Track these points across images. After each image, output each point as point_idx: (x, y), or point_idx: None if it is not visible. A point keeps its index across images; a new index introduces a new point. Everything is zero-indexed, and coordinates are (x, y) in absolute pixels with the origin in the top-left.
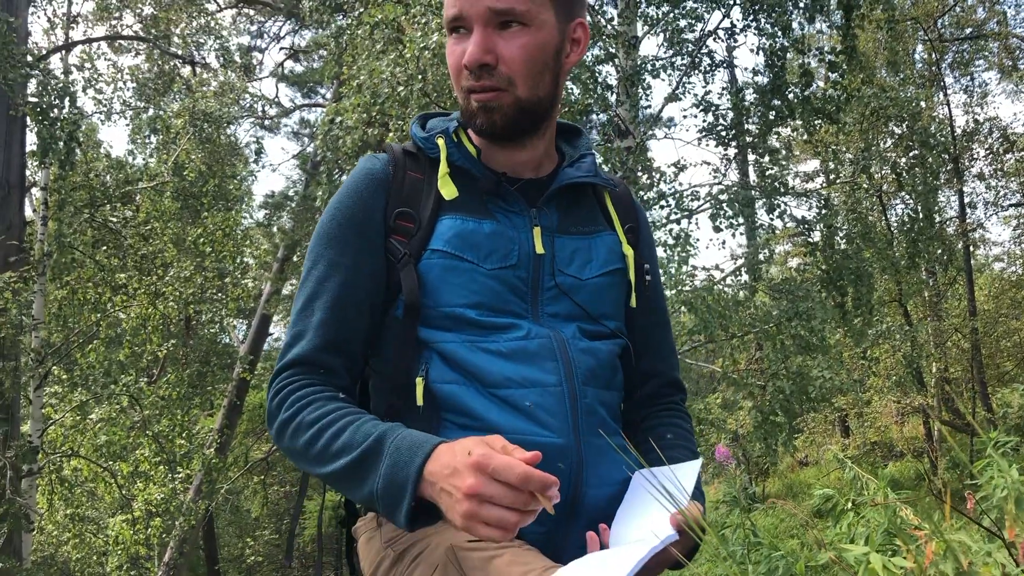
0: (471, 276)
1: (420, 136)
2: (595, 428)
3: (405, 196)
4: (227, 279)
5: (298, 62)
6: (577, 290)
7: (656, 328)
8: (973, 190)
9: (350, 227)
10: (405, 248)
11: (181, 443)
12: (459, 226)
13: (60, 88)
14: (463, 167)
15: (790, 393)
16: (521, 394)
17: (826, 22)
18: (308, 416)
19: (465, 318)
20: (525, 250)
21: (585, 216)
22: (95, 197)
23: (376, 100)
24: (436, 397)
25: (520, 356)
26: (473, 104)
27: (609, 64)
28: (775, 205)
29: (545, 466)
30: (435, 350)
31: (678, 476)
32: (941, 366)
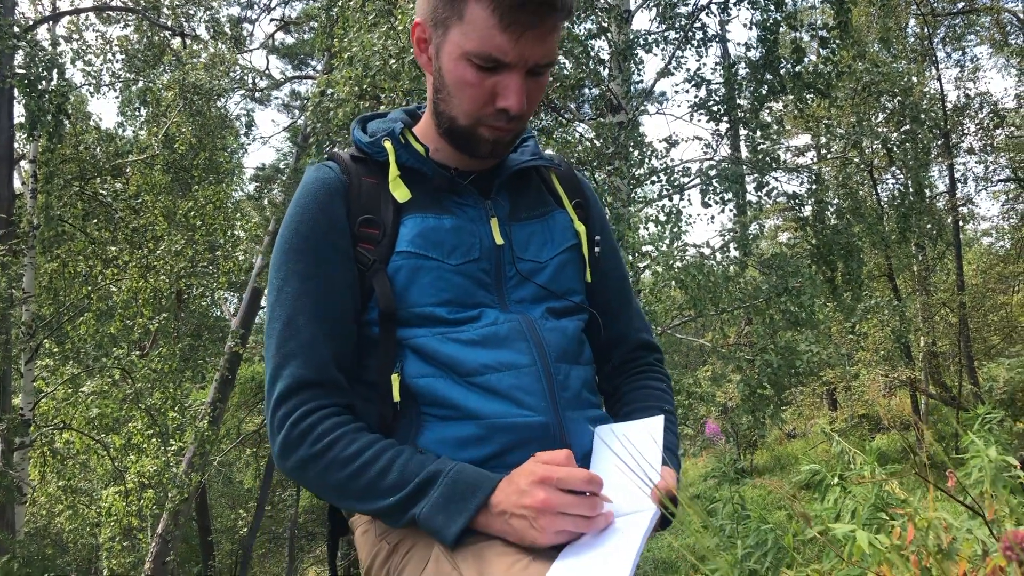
0: (438, 274)
1: (365, 141)
2: (572, 403)
3: (365, 203)
4: (218, 252)
5: (289, 34)
6: (538, 272)
7: (616, 296)
8: (963, 165)
9: (316, 238)
10: (372, 255)
11: (173, 416)
12: (421, 224)
13: (48, 59)
14: (413, 167)
15: (778, 367)
16: (497, 378)
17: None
18: (345, 451)
19: (435, 316)
20: (486, 243)
21: (535, 199)
22: (85, 170)
23: (367, 73)
24: (413, 392)
25: (492, 342)
26: (485, 135)
27: (602, 38)
28: (764, 182)
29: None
30: (407, 346)
31: (639, 434)
32: (929, 340)
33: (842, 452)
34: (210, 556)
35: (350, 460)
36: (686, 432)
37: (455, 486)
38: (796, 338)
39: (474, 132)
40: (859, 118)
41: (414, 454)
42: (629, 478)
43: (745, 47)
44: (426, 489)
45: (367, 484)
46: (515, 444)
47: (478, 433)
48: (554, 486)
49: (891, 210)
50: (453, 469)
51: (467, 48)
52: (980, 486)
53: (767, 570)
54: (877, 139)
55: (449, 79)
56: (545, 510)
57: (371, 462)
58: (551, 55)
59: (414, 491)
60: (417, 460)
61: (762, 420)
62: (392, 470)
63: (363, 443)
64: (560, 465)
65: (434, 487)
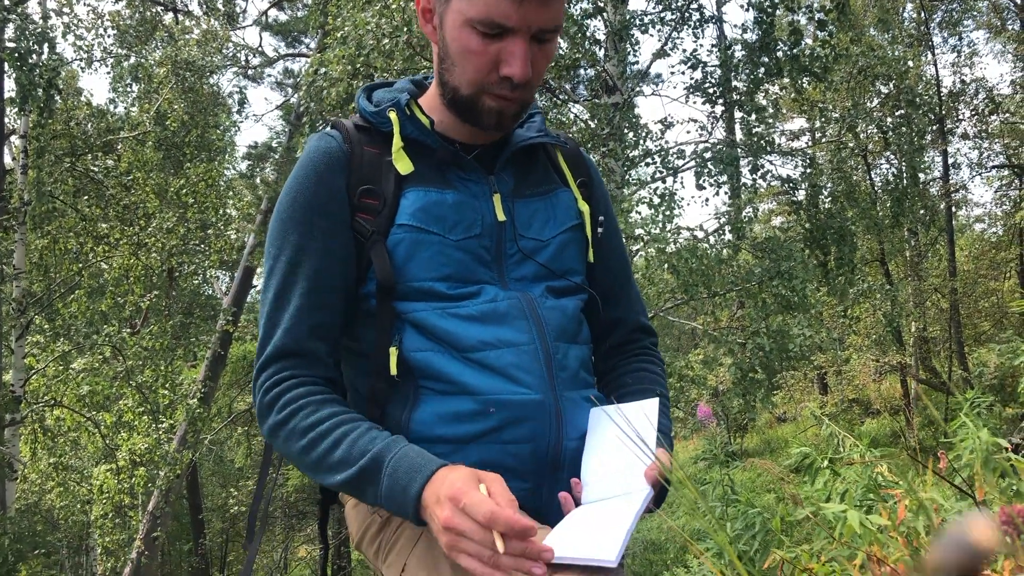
0: (439, 248)
1: (370, 110)
2: (569, 382)
3: (365, 173)
4: (210, 230)
5: (282, 11)
6: (540, 251)
7: (617, 277)
8: (957, 151)
9: (314, 209)
10: (372, 226)
11: (164, 393)
12: (423, 198)
13: (39, 33)
14: (418, 139)
15: (769, 350)
16: (496, 355)
17: None
18: (301, 423)
19: (434, 291)
20: (488, 219)
21: (540, 176)
22: (76, 146)
23: (361, 52)
24: (411, 366)
25: (491, 318)
26: (490, 105)
27: (597, 18)
28: (759, 165)
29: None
30: (406, 320)
31: (635, 416)
32: (920, 325)
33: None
34: (201, 534)
35: (306, 431)
36: (677, 415)
37: (396, 475)
38: (788, 322)
39: (478, 102)
40: (855, 102)
41: (368, 430)
42: (624, 458)
43: (742, 29)
44: (372, 476)
45: (317, 457)
46: (511, 420)
47: (475, 408)
48: (460, 509)
49: (885, 195)
50: (394, 456)
51: (470, 15)
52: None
53: (756, 551)
54: (872, 123)
55: (453, 48)
56: (447, 528)
57: (324, 435)
58: (557, 20)
59: (358, 474)
60: (366, 439)
61: (753, 404)
62: (341, 445)
63: (322, 415)
64: (497, 492)
65: (380, 475)
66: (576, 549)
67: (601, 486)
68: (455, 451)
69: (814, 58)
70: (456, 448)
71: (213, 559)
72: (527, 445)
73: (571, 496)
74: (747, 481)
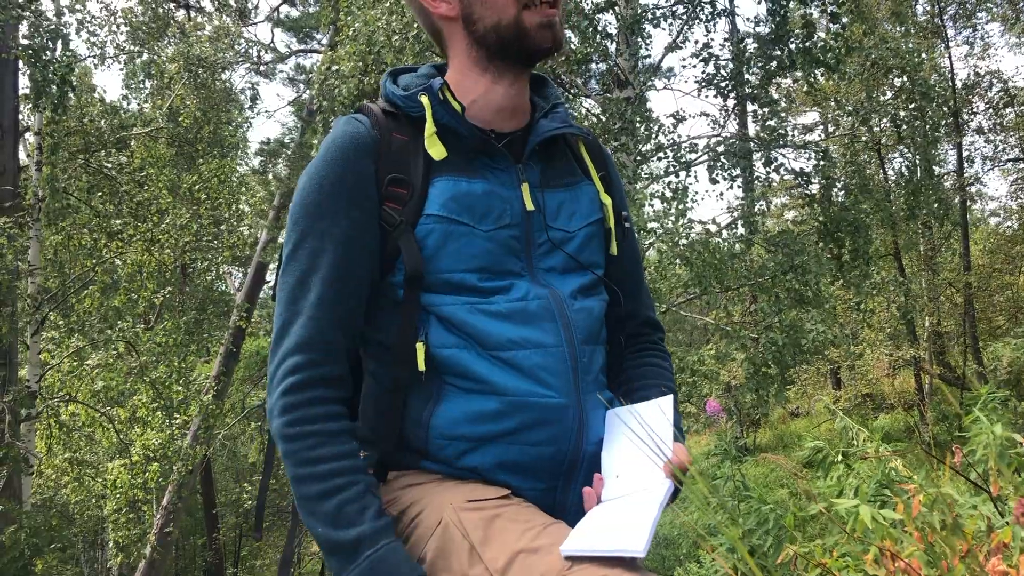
0: (469, 240)
1: (400, 94)
2: (592, 386)
3: (394, 161)
4: (223, 226)
5: (294, 6)
6: (567, 242)
7: (631, 272)
8: (972, 144)
9: (340, 196)
10: (400, 216)
11: (178, 389)
12: (453, 188)
13: (52, 30)
14: (449, 125)
15: (783, 345)
16: (524, 355)
17: None
18: (307, 452)
19: (466, 284)
20: (516, 208)
21: (564, 168)
22: (89, 142)
23: (372, 48)
24: (437, 362)
25: (520, 317)
26: (538, 21)
27: (609, 12)
28: (772, 159)
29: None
30: (433, 314)
31: (651, 413)
32: (934, 320)
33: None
34: (214, 529)
35: (306, 463)
36: (690, 410)
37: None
38: (802, 316)
39: (524, 23)
40: (868, 95)
41: (363, 495)
42: (643, 455)
43: (754, 22)
44: (345, 557)
45: (306, 496)
46: (534, 423)
47: (499, 408)
48: None
49: (899, 188)
50: (376, 553)
51: None
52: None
53: (769, 547)
54: (886, 116)
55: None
56: None
57: (319, 478)
58: None
59: (334, 543)
60: (355, 508)
61: (766, 399)
62: (332, 499)
63: (324, 453)
64: None
65: (352, 562)
66: (603, 542)
67: (622, 482)
68: (474, 448)
69: (826, 50)
70: (475, 446)
71: (227, 554)
72: (548, 448)
73: (594, 494)
74: (760, 476)
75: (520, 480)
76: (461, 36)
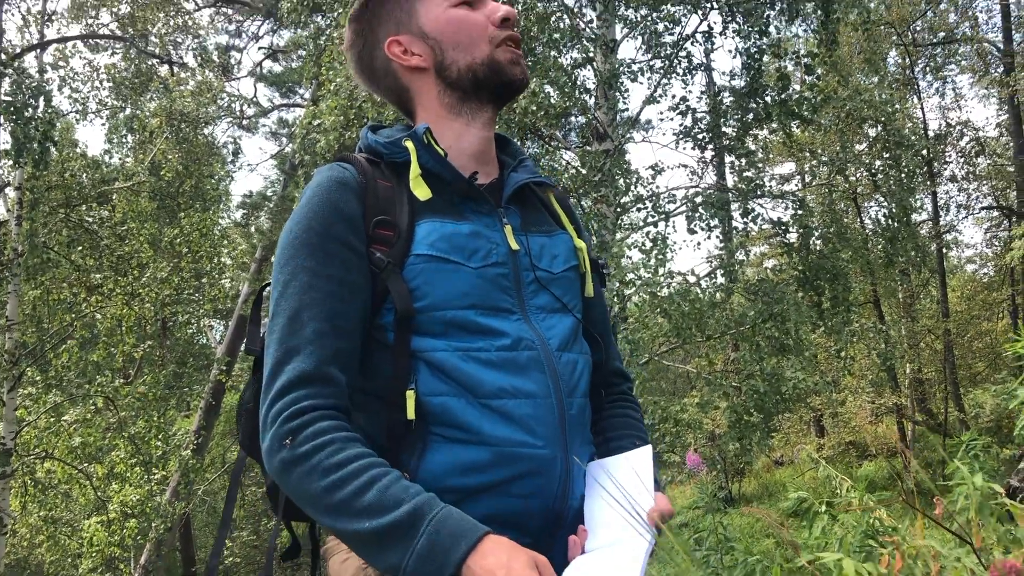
0: (459, 276)
1: (383, 141)
2: (577, 439)
3: (380, 204)
4: (204, 279)
5: (277, 62)
6: (552, 283)
7: (603, 319)
8: (946, 192)
9: (329, 237)
10: (387, 256)
11: (157, 444)
12: (440, 228)
13: (34, 87)
14: (432, 170)
15: (764, 393)
16: (515, 404)
17: (803, 25)
18: (327, 460)
19: (458, 320)
20: (502, 249)
21: (538, 216)
22: (71, 197)
23: (353, 103)
24: (426, 411)
25: (510, 367)
26: (507, 57)
27: (587, 68)
28: (750, 209)
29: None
30: (422, 360)
31: (631, 465)
32: (915, 366)
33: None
34: None
35: (332, 469)
36: (673, 460)
37: (437, 536)
38: (782, 364)
39: (497, 59)
40: (843, 145)
41: (398, 479)
42: (627, 506)
43: (730, 75)
44: (406, 531)
45: (342, 500)
46: (524, 474)
47: (487, 459)
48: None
49: (876, 236)
50: (438, 514)
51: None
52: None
53: None
54: (861, 166)
55: (451, 31)
56: None
57: (352, 476)
58: None
59: (390, 526)
60: (398, 488)
61: (749, 447)
62: (371, 490)
63: (350, 454)
64: None
65: (417, 531)
66: None
67: (606, 532)
68: (462, 501)
69: (802, 102)
70: (464, 498)
71: None
72: (535, 500)
73: (578, 542)
74: (745, 526)
75: (508, 534)
76: (432, 85)
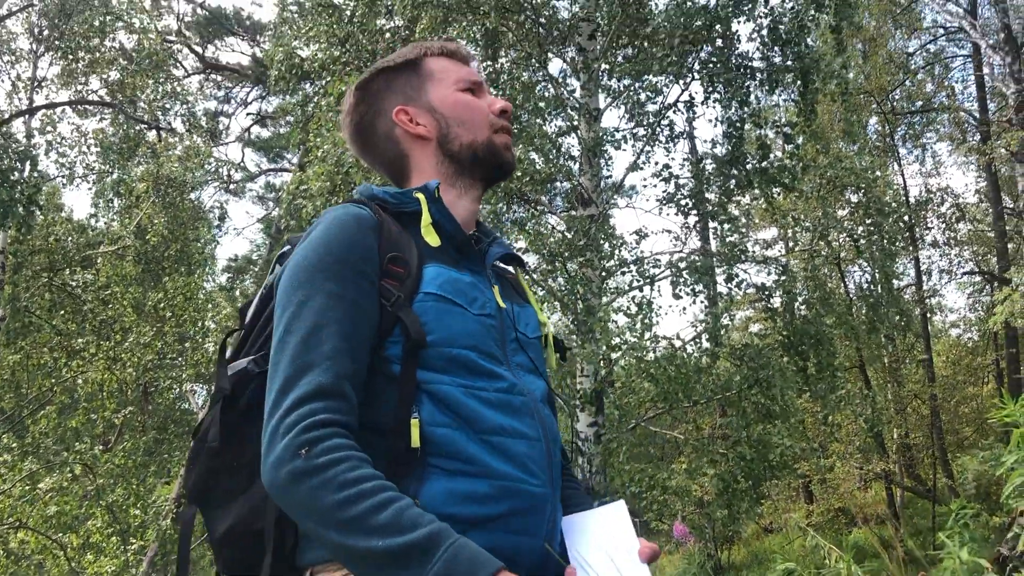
0: (463, 318)
1: (392, 192)
2: (559, 484)
3: (393, 242)
4: (187, 344)
5: (265, 127)
6: (528, 346)
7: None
8: (929, 257)
9: (346, 264)
10: (398, 291)
11: (136, 513)
12: (445, 273)
13: (21, 152)
14: (439, 221)
15: (751, 459)
16: (512, 442)
17: (783, 95)
18: (344, 474)
19: (460, 359)
20: (493, 303)
21: (509, 291)
22: (54, 261)
23: (340, 168)
24: (428, 440)
25: (507, 408)
26: (503, 142)
27: (572, 135)
28: (734, 274)
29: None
30: (426, 391)
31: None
32: (902, 432)
33: (817, 547)
34: None
35: (349, 484)
36: (662, 527)
37: (455, 562)
38: (769, 430)
39: (494, 143)
40: (825, 211)
41: (411, 505)
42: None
43: (712, 143)
44: (423, 554)
45: (357, 515)
46: (521, 510)
47: (488, 492)
48: None
49: (860, 301)
50: (456, 543)
51: (453, 83)
52: None
53: None
54: (843, 232)
55: (457, 111)
56: None
57: (368, 494)
58: None
59: (406, 546)
60: (414, 512)
61: (738, 515)
62: (387, 509)
63: (366, 473)
64: None
65: (434, 555)
66: None
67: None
68: (462, 532)
69: (782, 169)
70: (464, 529)
71: None
72: (526, 537)
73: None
74: None
75: None
76: (432, 154)
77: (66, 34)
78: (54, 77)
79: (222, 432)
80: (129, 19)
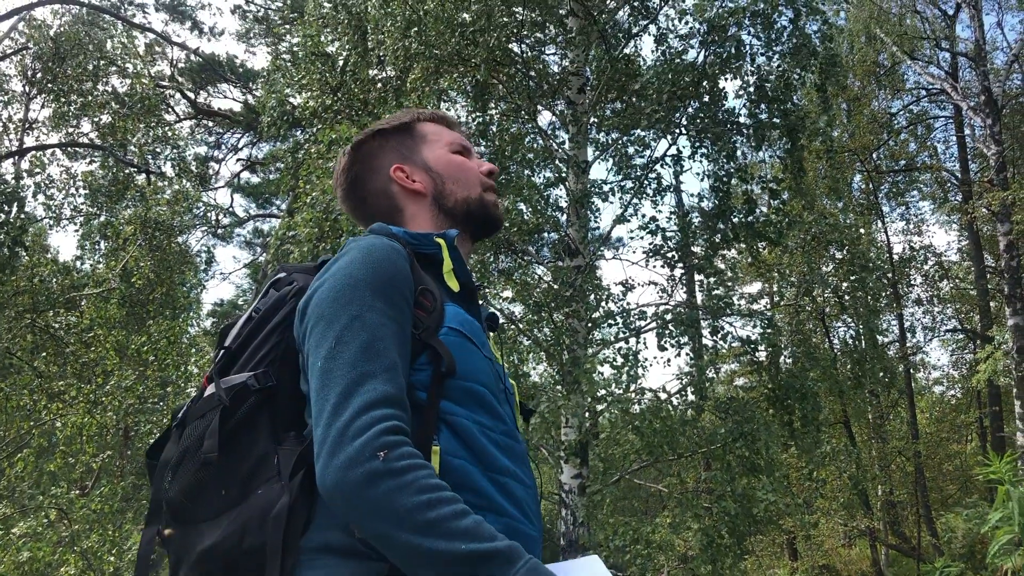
0: (478, 356)
1: (413, 233)
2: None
3: (421, 276)
4: (169, 388)
5: (254, 173)
6: (511, 400)
7: None
8: (912, 314)
9: (393, 286)
10: (427, 321)
11: (111, 560)
12: (463, 314)
13: (8, 193)
14: (455, 269)
15: (735, 514)
16: (515, 485)
17: (770, 151)
18: (425, 480)
19: (476, 394)
20: (490, 350)
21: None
22: (38, 302)
23: (328, 215)
24: (447, 469)
25: (510, 452)
26: (493, 199)
27: (560, 187)
28: (719, 327)
29: None
30: (445, 422)
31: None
32: (886, 488)
33: None
34: None
35: (430, 489)
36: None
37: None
38: (753, 485)
39: (485, 200)
40: (810, 266)
41: (484, 519)
42: None
43: (698, 197)
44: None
45: (440, 517)
46: None
47: (499, 529)
48: None
49: (844, 356)
50: (531, 560)
51: (445, 145)
52: None
53: None
54: (828, 287)
55: (451, 170)
56: None
57: (449, 501)
58: None
59: (490, 552)
60: (489, 525)
61: (722, 570)
62: (467, 517)
63: (440, 482)
64: None
65: (516, 565)
66: None
67: None
68: None
69: (768, 224)
70: None
71: None
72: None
73: None
74: None
75: None
76: (427, 208)
77: (59, 77)
78: (45, 119)
79: (224, 442)
80: (123, 64)
